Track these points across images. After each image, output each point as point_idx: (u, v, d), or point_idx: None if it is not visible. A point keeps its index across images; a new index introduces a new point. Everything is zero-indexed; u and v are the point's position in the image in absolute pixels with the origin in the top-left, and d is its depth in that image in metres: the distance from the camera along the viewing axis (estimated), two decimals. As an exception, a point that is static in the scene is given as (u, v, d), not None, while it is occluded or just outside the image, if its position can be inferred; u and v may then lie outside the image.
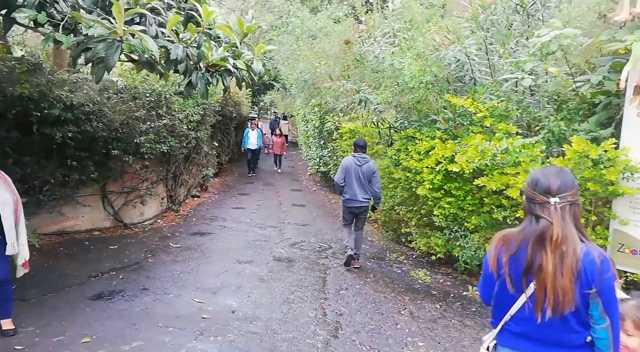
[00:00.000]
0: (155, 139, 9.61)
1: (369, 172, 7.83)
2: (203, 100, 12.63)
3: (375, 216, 10.96)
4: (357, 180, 7.82)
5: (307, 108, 19.22)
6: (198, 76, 5.42)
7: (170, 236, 9.66)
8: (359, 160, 7.88)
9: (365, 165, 7.86)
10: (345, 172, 7.90)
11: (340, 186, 8.03)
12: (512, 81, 6.06)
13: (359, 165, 7.85)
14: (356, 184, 7.84)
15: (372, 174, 7.83)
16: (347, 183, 7.90)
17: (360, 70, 9.53)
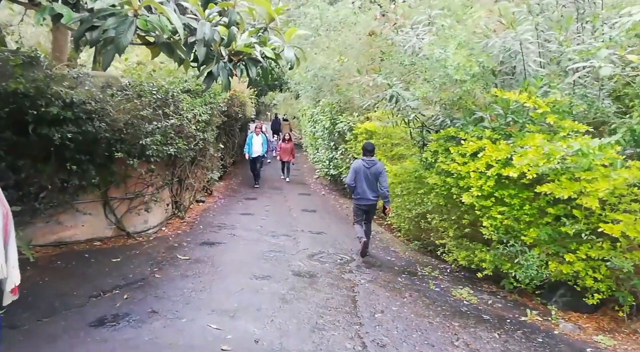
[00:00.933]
0: (162, 141, 8.80)
1: (376, 174, 8.44)
2: (211, 99, 11.84)
3: (393, 220, 10.16)
4: (367, 180, 8.49)
5: (315, 108, 18.44)
6: (220, 66, 4.61)
7: (177, 246, 8.83)
8: (368, 163, 8.54)
9: (374, 167, 8.49)
10: (356, 174, 8.61)
11: (351, 187, 8.80)
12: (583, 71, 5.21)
13: (367, 167, 8.50)
14: (365, 185, 8.51)
15: (380, 174, 8.43)
16: (358, 184, 8.60)
17: (388, 63, 8.68)
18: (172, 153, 9.17)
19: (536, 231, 5.89)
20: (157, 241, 9.13)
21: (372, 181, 8.45)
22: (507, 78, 7.05)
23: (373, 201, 8.67)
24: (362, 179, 8.51)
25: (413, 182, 9.12)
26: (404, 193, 9.80)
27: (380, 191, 8.41)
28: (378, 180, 8.39)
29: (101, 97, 7.89)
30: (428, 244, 9.42)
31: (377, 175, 8.40)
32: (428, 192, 8.43)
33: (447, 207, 7.79)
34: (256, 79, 5.33)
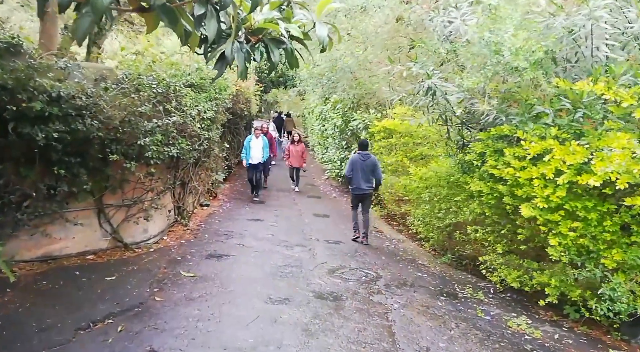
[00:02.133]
0: (162, 141, 7.80)
1: (371, 166, 9.65)
2: (216, 95, 10.81)
3: (418, 228, 9.22)
4: (362, 172, 9.64)
5: (325, 105, 17.41)
6: (235, 47, 3.59)
7: (180, 259, 7.83)
8: (363, 157, 9.72)
9: (368, 160, 9.68)
10: (352, 167, 9.76)
11: (348, 178, 9.99)
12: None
13: (362, 160, 9.68)
14: (360, 176, 9.66)
15: (374, 167, 9.67)
16: (354, 175, 9.74)
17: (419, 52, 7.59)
18: (174, 154, 8.14)
19: (621, 253, 4.84)
20: (157, 253, 8.13)
21: (366, 172, 9.63)
22: (568, 66, 5.98)
23: (366, 190, 9.79)
24: (358, 171, 9.66)
25: (447, 188, 8.13)
26: (433, 199, 8.80)
27: (376, 179, 9.77)
28: (373, 171, 9.65)
29: (93, 91, 6.90)
30: (462, 257, 8.42)
31: (372, 167, 9.62)
32: (467, 200, 7.43)
33: (494, 219, 6.76)
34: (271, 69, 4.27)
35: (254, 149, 13.86)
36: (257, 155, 13.83)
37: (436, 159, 9.98)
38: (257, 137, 13.99)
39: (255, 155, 13.82)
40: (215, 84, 10.86)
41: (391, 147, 11.97)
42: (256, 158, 13.83)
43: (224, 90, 11.32)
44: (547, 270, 5.81)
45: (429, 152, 10.65)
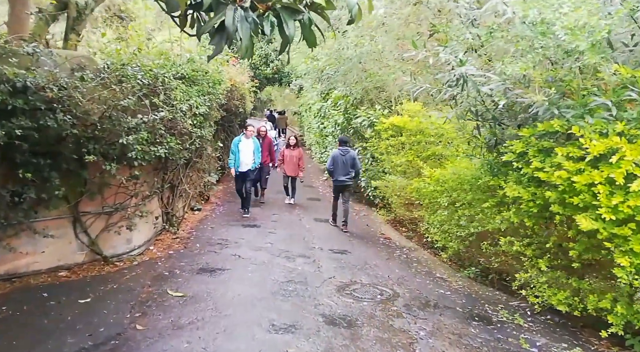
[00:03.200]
0: (149, 139, 6.86)
1: (350, 160, 10.55)
2: (210, 89, 9.87)
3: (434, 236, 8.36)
4: (342, 165, 10.55)
5: (325, 102, 16.48)
6: (238, 15, 2.70)
7: (167, 274, 6.91)
8: (343, 152, 10.66)
9: (348, 155, 10.60)
10: (334, 161, 10.68)
11: (330, 171, 10.90)
12: None
13: (342, 155, 10.61)
14: (341, 169, 10.58)
15: (353, 160, 10.60)
16: (335, 168, 10.66)
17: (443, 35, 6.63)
18: (162, 155, 7.19)
19: None
20: (142, 267, 7.21)
21: (346, 165, 10.54)
22: (626, 50, 5.05)
23: (347, 182, 10.70)
24: (339, 164, 10.59)
25: (471, 193, 7.23)
26: (453, 205, 7.90)
27: (355, 171, 10.70)
28: (353, 165, 10.58)
29: (67, 82, 5.96)
30: (487, 271, 7.53)
31: (351, 161, 10.54)
32: (498, 207, 6.52)
33: (535, 230, 5.83)
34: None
35: (243, 153, 11.34)
36: (247, 160, 11.35)
37: (452, 159, 9.09)
38: (247, 138, 11.46)
39: (245, 161, 11.33)
40: (209, 78, 9.93)
41: (400, 146, 11.06)
42: (246, 164, 11.33)
43: (218, 85, 10.39)
44: (608, 293, 4.88)
45: (443, 152, 9.75)
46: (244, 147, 11.33)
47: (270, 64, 29.39)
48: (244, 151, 11.31)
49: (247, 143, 11.40)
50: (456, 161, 8.61)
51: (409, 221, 11.11)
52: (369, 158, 13.26)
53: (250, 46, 2.94)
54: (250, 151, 11.40)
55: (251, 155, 11.40)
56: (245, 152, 11.32)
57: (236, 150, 11.27)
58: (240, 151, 11.28)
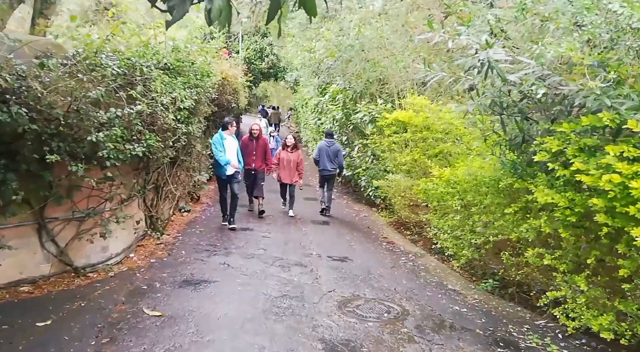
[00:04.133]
0: (124, 136, 6.02)
1: (335, 151, 11.37)
2: (197, 81, 9.04)
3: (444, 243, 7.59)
4: (327, 156, 11.34)
5: (323, 96, 15.64)
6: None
7: (145, 288, 6.10)
8: (328, 144, 11.43)
9: (332, 146, 11.42)
10: (319, 152, 11.48)
11: (316, 160, 11.64)
12: None
13: (328, 146, 11.39)
14: (326, 159, 11.36)
15: (337, 152, 11.45)
16: (320, 159, 11.41)
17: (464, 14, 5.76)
18: (139, 153, 6.35)
19: None
20: (118, 280, 6.41)
21: (331, 156, 11.38)
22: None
23: (331, 171, 11.52)
24: (324, 155, 11.41)
25: (490, 196, 6.42)
26: (468, 209, 7.10)
27: (338, 164, 11.53)
28: (337, 156, 11.42)
29: (25, 70, 5.12)
30: (506, 282, 6.73)
31: (335, 152, 11.43)
32: (524, 213, 5.71)
33: (572, 242, 5.00)
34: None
35: (230, 151, 9.60)
36: (234, 161, 9.65)
37: (462, 158, 8.28)
38: (229, 135, 9.72)
39: (233, 162, 9.62)
40: (196, 69, 9.09)
41: (405, 143, 10.25)
42: (233, 166, 9.62)
43: (207, 77, 9.55)
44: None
45: (453, 150, 8.93)
46: (229, 146, 9.57)
47: (265, 58, 28.51)
48: (230, 150, 9.55)
49: (231, 141, 9.68)
50: (468, 160, 7.80)
51: (414, 223, 10.32)
52: (369, 156, 12.44)
53: (226, 8, 2.14)
54: (234, 151, 9.72)
55: (235, 156, 9.74)
56: (230, 152, 9.56)
57: (223, 147, 9.46)
58: (226, 148, 9.49)
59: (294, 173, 11.22)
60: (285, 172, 11.21)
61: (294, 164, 11.18)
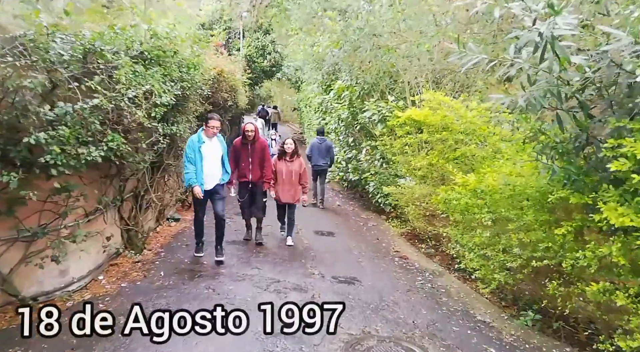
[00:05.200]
0: (76, 136, 4.76)
1: (326, 148, 12.14)
2: (182, 74, 7.79)
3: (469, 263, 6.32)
4: (319, 152, 12.10)
5: (327, 94, 14.36)
6: None
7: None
8: (320, 141, 12.19)
9: (324, 143, 12.17)
10: (312, 148, 12.29)
11: (309, 156, 12.26)
12: None
13: (320, 143, 12.14)
14: (318, 155, 12.12)
15: (329, 148, 12.22)
16: (313, 154, 12.19)
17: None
18: (99, 158, 5.08)
19: None
20: (70, 315, 5.11)
21: (322, 152, 11.95)
22: None
23: (323, 166, 12.06)
24: (316, 151, 11.97)
25: (534, 211, 5.14)
26: (502, 225, 5.82)
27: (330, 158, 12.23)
28: (328, 152, 12.05)
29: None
30: (548, 312, 5.45)
31: (327, 148, 12.01)
32: (578, 234, 4.43)
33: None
34: None
35: (208, 161, 7.21)
36: (213, 170, 7.31)
37: (489, 163, 6.97)
38: (209, 137, 7.26)
39: (212, 172, 7.28)
40: (180, 60, 7.82)
41: (420, 145, 8.95)
42: (212, 177, 7.30)
43: (194, 69, 8.26)
44: None
45: (477, 153, 7.62)
46: (208, 152, 7.21)
47: (268, 56, 27.26)
48: (209, 158, 7.22)
49: (212, 145, 7.28)
50: (496, 165, 6.48)
51: (429, 235, 9.03)
52: (378, 159, 11.13)
53: None
54: (216, 158, 7.35)
55: (219, 164, 7.41)
56: (210, 159, 7.23)
57: (196, 156, 7.05)
58: (204, 158, 7.14)
59: (296, 189, 8.58)
60: (285, 188, 8.48)
61: (295, 177, 8.51)
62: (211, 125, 7.17)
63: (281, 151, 8.62)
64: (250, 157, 8.16)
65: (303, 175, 8.59)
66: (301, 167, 8.58)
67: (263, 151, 8.26)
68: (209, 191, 7.26)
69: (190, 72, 8.24)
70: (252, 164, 8.18)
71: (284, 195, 8.49)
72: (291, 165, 8.51)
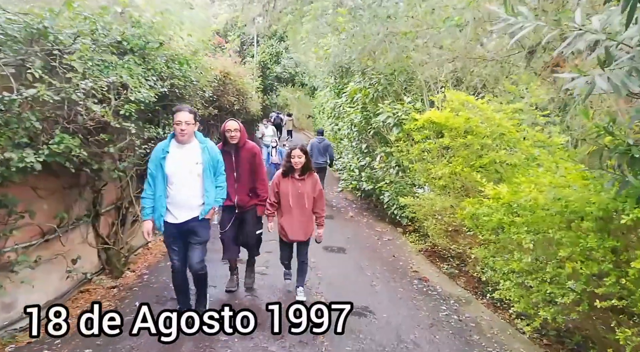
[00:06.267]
0: (8, 136, 3.61)
1: (325, 147, 12.31)
2: (172, 70, 6.68)
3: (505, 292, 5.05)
4: (318, 151, 12.22)
5: (340, 98, 13.21)
6: None
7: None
8: (319, 141, 12.47)
9: (323, 143, 12.37)
10: (311, 147, 12.21)
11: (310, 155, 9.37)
12: None
13: (319, 143, 12.37)
14: (317, 153, 12.14)
15: (328, 147, 12.37)
16: (313, 153, 11.99)
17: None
18: (38, 166, 3.91)
19: None
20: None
21: (321, 151, 12.28)
22: None
23: (322, 164, 12.17)
24: (316, 149, 12.24)
25: (596, 235, 3.85)
26: (552, 249, 4.53)
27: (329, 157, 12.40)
28: (327, 151, 12.33)
29: None
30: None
31: (325, 148, 12.33)
32: None
33: None
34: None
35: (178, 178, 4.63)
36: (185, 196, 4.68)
37: (523, 171, 5.69)
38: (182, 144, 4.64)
39: (182, 199, 4.68)
40: (166, 52, 6.68)
41: (440, 151, 7.67)
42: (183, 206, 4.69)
43: (186, 65, 7.11)
44: None
45: (507, 159, 6.32)
46: (176, 167, 4.59)
47: (281, 62, 26.21)
48: (178, 175, 4.60)
49: (183, 156, 4.63)
50: (536, 173, 5.19)
51: (451, 251, 7.76)
52: (394, 167, 9.85)
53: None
54: (191, 174, 4.67)
55: (196, 185, 4.71)
56: (179, 178, 4.61)
57: (157, 172, 4.58)
58: (169, 175, 4.57)
59: (309, 220, 5.65)
60: (293, 219, 5.56)
61: (309, 203, 5.58)
62: (177, 121, 4.46)
63: (286, 167, 5.51)
64: (235, 169, 5.51)
65: (319, 200, 5.64)
66: (315, 189, 5.58)
67: (253, 159, 5.62)
68: (178, 227, 4.64)
69: (184, 68, 7.10)
70: (239, 179, 5.55)
71: (292, 229, 5.54)
72: (302, 186, 5.50)
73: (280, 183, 5.56)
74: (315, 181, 5.61)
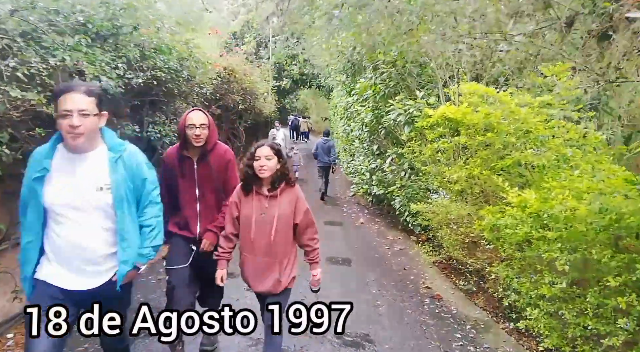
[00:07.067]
0: None
1: (328, 147, 13.07)
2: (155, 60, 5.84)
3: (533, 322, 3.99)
4: (322, 150, 13.09)
5: (350, 97, 12.24)
6: None
7: None
8: (324, 141, 13.26)
9: (327, 143, 13.18)
10: (317, 147, 13.24)
11: (315, 154, 13.34)
12: None
13: (323, 143, 13.18)
14: (322, 153, 13.09)
15: (330, 148, 13.08)
16: (318, 153, 13.12)
17: None
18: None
19: None
20: None
21: (325, 151, 13.06)
22: None
23: (327, 163, 13.07)
24: (321, 149, 13.11)
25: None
26: (592, 271, 3.54)
27: (332, 157, 13.05)
28: (329, 151, 13.02)
29: None
30: None
31: (329, 148, 13.06)
32: None
33: None
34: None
35: (67, 213, 2.52)
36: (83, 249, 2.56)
37: (552, 175, 4.67)
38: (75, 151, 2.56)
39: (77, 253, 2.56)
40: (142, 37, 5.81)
41: (457, 151, 6.65)
42: (79, 269, 2.58)
43: (168, 54, 6.23)
44: None
45: (534, 160, 5.28)
46: (65, 193, 2.52)
47: (298, 63, 25.38)
48: (69, 207, 2.53)
49: (78, 172, 2.56)
50: (569, 177, 4.17)
51: (467, 266, 6.74)
52: (406, 170, 8.83)
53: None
54: (93, 208, 2.57)
55: (105, 226, 2.62)
56: (71, 212, 2.53)
57: (29, 199, 2.54)
58: (49, 207, 2.52)
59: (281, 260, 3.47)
60: (256, 260, 3.46)
61: (284, 232, 3.45)
62: (63, 111, 2.41)
63: (248, 175, 3.40)
64: (198, 186, 3.74)
65: (306, 226, 3.54)
66: (298, 210, 3.47)
67: (225, 171, 3.79)
68: (76, 295, 2.61)
69: (167, 57, 6.23)
70: (202, 199, 3.77)
71: (254, 276, 3.51)
72: (272, 206, 3.40)
73: (239, 203, 3.46)
74: (296, 198, 3.45)
